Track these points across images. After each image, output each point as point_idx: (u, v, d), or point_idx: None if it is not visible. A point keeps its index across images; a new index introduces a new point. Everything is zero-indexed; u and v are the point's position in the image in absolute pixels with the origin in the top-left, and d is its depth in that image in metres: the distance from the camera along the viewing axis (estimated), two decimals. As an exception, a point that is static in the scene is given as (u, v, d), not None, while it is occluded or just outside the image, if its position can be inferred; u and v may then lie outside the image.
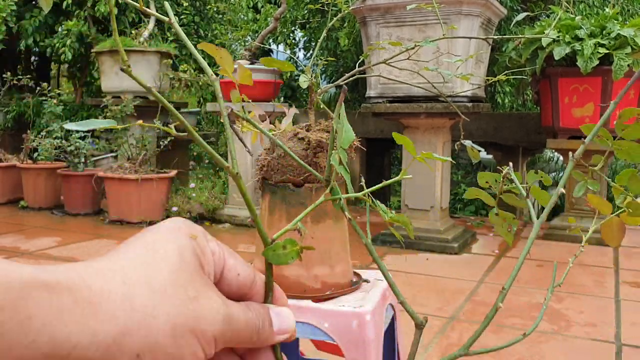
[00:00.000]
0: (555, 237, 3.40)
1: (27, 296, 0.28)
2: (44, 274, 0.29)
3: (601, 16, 3.09)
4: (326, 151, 1.03)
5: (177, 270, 0.33)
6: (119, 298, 0.31)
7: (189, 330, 0.32)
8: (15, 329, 0.28)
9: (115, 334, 0.30)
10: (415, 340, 0.47)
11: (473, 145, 1.29)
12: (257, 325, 0.36)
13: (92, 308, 0.30)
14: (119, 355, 0.30)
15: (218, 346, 0.34)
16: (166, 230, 0.35)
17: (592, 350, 1.87)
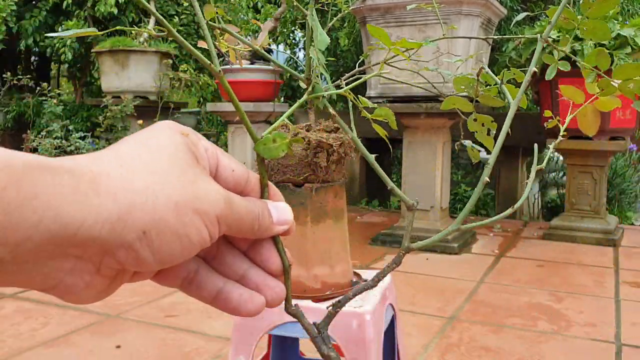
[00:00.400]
0: (555, 237, 3.40)
1: (30, 176, 0.28)
2: (44, 159, 0.29)
3: (601, 16, 3.09)
4: (326, 151, 1.03)
5: (173, 159, 0.33)
6: (119, 178, 0.31)
7: (192, 210, 0.32)
8: (21, 208, 0.28)
9: (119, 211, 0.30)
10: (409, 221, 0.48)
11: (473, 145, 1.28)
12: (257, 213, 0.37)
13: (94, 188, 0.30)
14: (125, 232, 0.30)
15: (222, 229, 0.34)
16: (158, 129, 0.35)
17: (592, 350, 1.87)
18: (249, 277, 0.38)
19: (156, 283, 0.38)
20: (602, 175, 3.38)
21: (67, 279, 0.31)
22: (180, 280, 0.37)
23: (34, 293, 2.39)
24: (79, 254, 0.30)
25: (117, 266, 0.32)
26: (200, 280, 0.37)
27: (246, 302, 0.38)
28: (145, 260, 0.32)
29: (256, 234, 0.37)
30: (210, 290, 0.37)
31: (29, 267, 0.29)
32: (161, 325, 2.06)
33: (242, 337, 1.07)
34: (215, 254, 0.38)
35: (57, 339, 1.93)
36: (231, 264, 0.38)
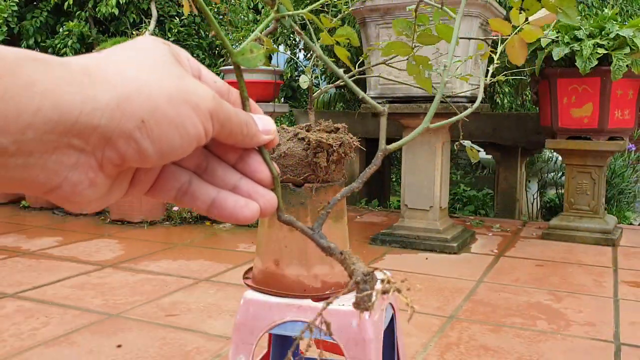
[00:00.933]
0: (554, 236, 3.40)
1: (24, 66, 0.29)
2: (33, 52, 0.30)
3: (600, 17, 3.10)
4: (326, 151, 1.04)
5: (160, 59, 0.34)
6: (112, 70, 0.32)
7: (185, 101, 0.33)
8: (19, 95, 0.28)
9: (117, 98, 0.31)
10: (383, 125, 0.50)
11: (472, 146, 1.29)
12: (244, 119, 0.38)
13: (88, 77, 0.30)
14: (124, 121, 0.31)
15: (215, 126, 0.35)
16: (140, 39, 0.36)
17: (591, 349, 1.88)
18: (241, 187, 0.40)
19: (151, 198, 0.39)
20: (601, 175, 3.39)
21: (72, 176, 0.31)
22: (175, 192, 0.38)
23: (34, 293, 2.40)
24: (81, 145, 0.30)
25: (118, 160, 0.32)
26: (194, 190, 0.38)
27: (242, 207, 0.39)
28: (145, 152, 0.32)
29: (245, 139, 0.38)
30: (205, 199, 0.38)
31: (33, 161, 0.29)
32: (162, 324, 2.07)
33: (242, 336, 1.08)
34: (205, 167, 0.39)
35: (58, 338, 1.94)
36: (222, 176, 0.39)
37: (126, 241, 3.39)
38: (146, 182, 0.37)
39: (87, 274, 2.70)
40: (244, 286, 1.11)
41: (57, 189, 0.31)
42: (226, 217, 0.39)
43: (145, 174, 0.37)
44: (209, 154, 0.39)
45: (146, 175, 0.37)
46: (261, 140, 0.39)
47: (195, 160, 0.39)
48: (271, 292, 1.08)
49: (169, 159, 0.33)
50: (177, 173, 0.38)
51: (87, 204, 0.33)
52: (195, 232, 3.63)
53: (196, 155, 0.39)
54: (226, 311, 2.19)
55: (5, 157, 0.28)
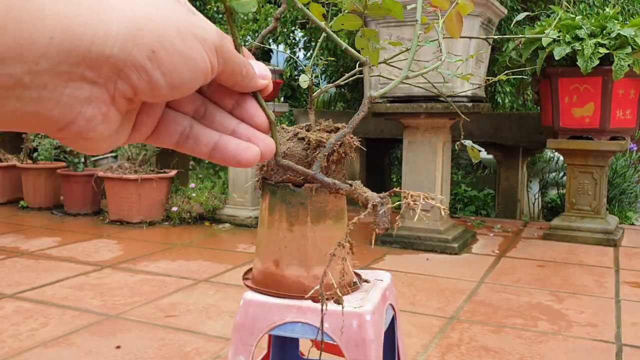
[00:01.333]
0: (555, 237, 3.39)
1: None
2: None
3: (601, 16, 3.09)
4: (326, 151, 1.02)
5: None
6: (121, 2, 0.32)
7: (192, 35, 0.33)
8: (32, 23, 0.28)
9: (127, 28, 0.31)
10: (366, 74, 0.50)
11: (473, 145, 1.28)
12: (244, 59, 0.38)
13: (98, 5, 0.30)
14: (135, 51, 0.31)
15: (219, 62, 0.36)
16: None
17: (592, 350, 1.87)
18: (240, 131, 0.41)
19: (154, 144, 0.39)
20: (603, 175, 3.38)
21: (86, 111, 0.32)
22: (177, 137, 0.39)
23: (33, 293, 2.39)
24: (93, 77, 0.31)
25: (130, 93, 0.33)
26: (196, 134, 0.39)
27: (244, 150, 0.40)
28: (157, 83, 0.33)
29: (244, 80, 0.39)
30: (207, 143, 0.39)
31: (48, 95, 0.30)
32: (161, 325, 2.05)
33: (242, 337, 1.07)
34: (204, 113, 0.40)
35: (57, 339, 1.93)
36: (221, 121, 0.40)
37: (125, 242, 3.38)
38: (148, 125, 0.38)
39: (86, 274, 2.69)
40: (243, 287, 1.10)
41: (71, 124, 0.32)
42: (229, 160, 0.40)
43: (148, 117, 0.37)
44: (206, 100, 0.40)
45: (148, 118, 0.37)
46: (259, 84, 0.40)
47: (194, 105, 0.39)
48: (271, 293, 1.07)
49: (179, 92, 0.34)
50: (177, 118, 0.39)
51: (99, 142, 0.34)
52: (194, 233, 3.62)
53: (194, 101, 0.40)
54: (225, 312, 2.18)
55: (20, 89, 0.29)
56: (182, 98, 0.38)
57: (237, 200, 3.88)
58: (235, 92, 0.40)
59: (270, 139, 0.42)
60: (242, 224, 3.80)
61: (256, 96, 0.42)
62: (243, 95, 0.41)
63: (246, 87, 0.40)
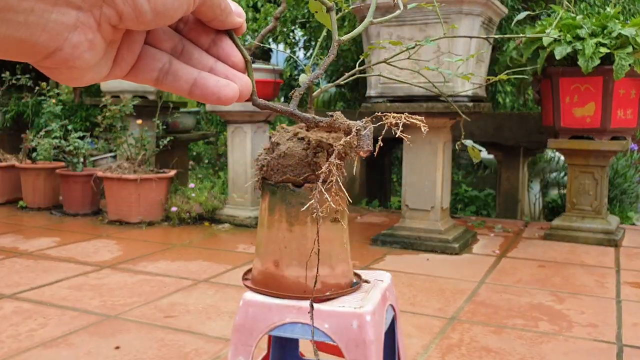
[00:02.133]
0: (556, 237, 3.39)
1: None
2: None
3: (602, 15, 3.08)
4: (326, 151, 1.02)
5: None
6: None
7: None
8: None
9: None
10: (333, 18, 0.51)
11: (474, 145, 1.28)
12: None
13: None
14: None
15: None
16: None
17: (593, 351, 1.86)
18: (217, 69, 0.41)
19: (133, 81, 0.40)
20: (604, 175, 3.37)
21: (72, 37, 0.33)
22: (157, 73, 0.40)
23: (32, 293, 2.39)
24: (78, 2, 0.32)
25: (116, 19, 0.33)
26: (175, 70, 0.40)
27: (224, 86, 0.40)
28: (141, 9, 0.33)
29: (222, 14, 0.39)
30: (187, 79, 0.40)
31: (35, 20, 0.31)
32: (160, 325, 2.05)
33: (241, 337, 1.06)
34: (182, 50, 0.41)
35: (56, 339, 1.92)
36: (199, 59, 0.41)
37: (124, 242, 3.37)
38: (128, 61, 0.38)
39: (85, 274, 2.68)
40: (243, 287, 1.10)
41: (58, 51, 0.33)
42: (209, 96, 0.40)
43: (128, 52, 0.38)
44: (183, 38, 0.41)
45: (128, 53, 0.38)
46: (235, 21, 0.41)
47: (172, 42, 0.40)
48: (271, 294, 1.06)
49: (162, 20, 0.35)
50: (156, 54, 0.40)
51: (83, 71, 0.35)
52: (194, 233, 3.61)
53: (172, 38, 0.40)
54: (225, 312, 2.18)
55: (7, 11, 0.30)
56: (161, 34, 0.39)
57: (236, 200, 3.87)
58: (212, 31, 0.41)
59: (247, 78, 0.42)
60: (241, 224, 3.79)
61: (231, 35, 0.42)
62: (219, 35, 0.42)
63: (223, 22, 0.40)
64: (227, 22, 0.40)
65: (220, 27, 0.41)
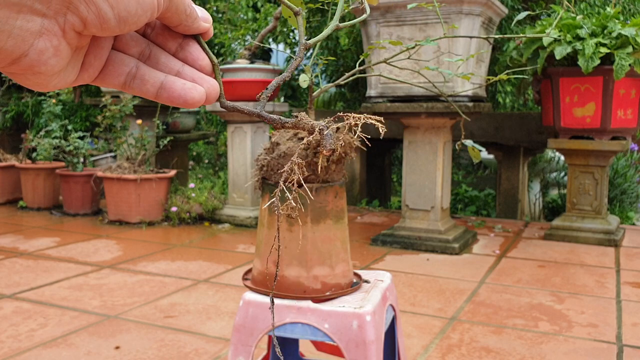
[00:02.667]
0: (556, 237, 3.39)
1: None
2: None
3: (602, 15, 3.08)
4: (326, 150, 1.01)
5: None
6: None
7: None
8: None
9: None
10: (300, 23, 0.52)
11: (474, 145, 1.28)
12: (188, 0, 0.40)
13: None
14: None
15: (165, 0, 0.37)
16: None
17: (593, 351, 1.86)
18: (185, 72, 0.42)
19: (101, 86, 0.41)
20: (604, 175, 3.37)
21: (38, 43, 0.33)
22: (124, 77, 0.40)
23: (32, 294, 2.39)
24: (43, 10, 0.32)
25: (80, 26, 0.34)
26: (142, 74, 0.41)
27: (190, 89, 0.41)
28: (105, 16, 0.34)
29: (188, 20, 0.40)
30: (154, 83, 0.41)
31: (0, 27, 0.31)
32: (160, 326, 2.05)
33: (241, 337, 1.06)
34: (149, 55, 0.42)
35: (56, 339, 1.92)
36: (166, 63, 0.42)
37: (124, 242, 3.37)
38: (95, 66, 0.39)
39: (85, 274, 2.68)
40: (243, 287, 1.10)
41: (23, 57, 0.33)
42: (175, 99, 0.40)
43: (95, 58, 0.39)
44: (150, 43, 0.42)
45: (95, 59, 0.39)
46: (201, 26, 0.41)
47: (139, 47, 0.41)
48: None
49: (126, 26, 0.35)
50: (124, 59, 0.40)
51: (49, 77, 0.35)
52: (193, 233, 3.61)
53: (139, 43, 0.41)
54: (225, 312, 2.18)
55: None
56: (128, 40, 0.40)
57: (236, 200, 3.87)
58: (179, 35, 0.42)
59: (214, 81, 0.43)
60: (241, 224, 3.79)
61: (198, 39, 0.43)
62: (186, 39, 0.42)
63: (189, 28, 0.41)
64: (193, 28, 0.41)
65: (186, 32, 0.41)
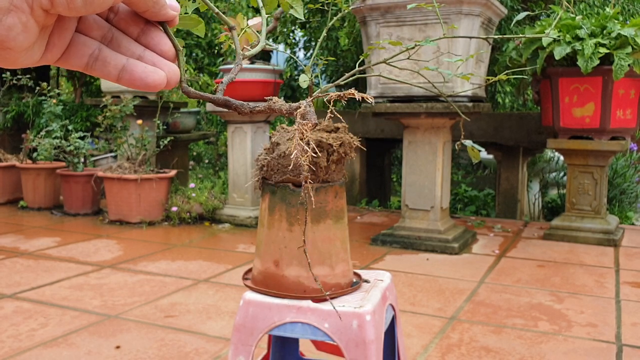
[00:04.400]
0: (556, 237, 3.39)
1: None
2: None
3: (602, 16, 3.09)
4: (326, 151, 1.02)
5: None
6: None
7: None
8: None
9: None
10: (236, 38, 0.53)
11: (474, 145, 1.28)
12: None
13: None
14: None
15: None
16: None
17: (592, 350, 1.87)
18: (146, 57, 0.43)
19: (65, 67, 0.42)
20: (603, 175, 3.38)
21: (6, 19, 0.35)
22: (87, 59, 0.42)
23: (32, 293, 2.39)
24: None
25: (47, 4, 0.35)
26: (104, 56, 0.42)
27: (151, 72, 0.42)
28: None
29: (155, 6, 0.41)
30: (116, 65, 0.42)
31: None
32: (161, 325, 2.05)
33: (242, 337, 1.07)
34: (111, 38, 0.43)
35: (56, 339, 1.93)
36: (128, 47, 0.43)
37: (125, 242, 3.37)
38: (59, 47, 0.40)
39: (85, 274, 2.68)
40: (243, 287, 1.10)
41: None
42: (136, 82, 0.42)
43: (59, 38, 0.40)
44: (113, 27, 0.43)
45: (59, 40, 0.40)
46: (169, 13, 0.42)
47: (101, 31, 0.42)
48: (271, 293, 1.06)
49: (92, 7, 0.37)
50: (87, 41, 0.42)
51: (17, 53, 0.37)
52: (194, 233, 3.62)
53: (102, 27, 0.42)
54: (225, 312, 2.18)
55: None
56: (91, 23, 0.41)
57: (237, 200, 3.88)
58: (141, 21, 0.43)
59: (175, 66, 0.44)
60: (242, 224, 3.80)
61: (164, 26, 0.44)
62: (148, 25, 0.43)
63: (157, 14, 0.42)
64: (160, 15, 0.42)
65: (154, 19, 0.43)
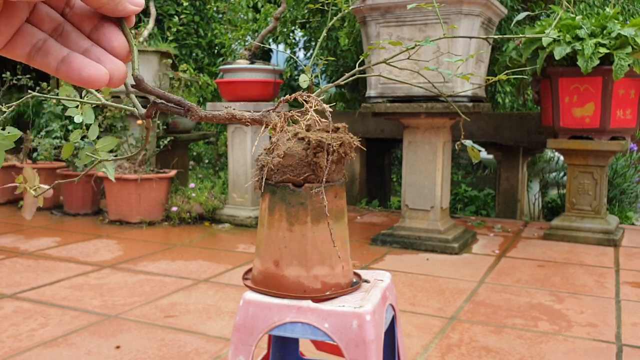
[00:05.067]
0: (556, 237, 3.39)
1: None
2: None
3: (602, 16, 3.09)
4: (326, 151, 1.02)
5: None
6: None
7: None
8: None
9: None
10: (134, 55, 0.52)
11: (474, 145, 1.28)
12: None
13: None
14: None
15: None
16: None
17: (592, 350, 1.87)
18: (91, 51, 0.42)
19: (7, 56, 0.41)
20: (603, 175, 3.38)
21: None
22: (29, 49, 0.41)
23: (32, 293, 2.39)
24: None
25: None
26: (47, 47, 0.41)
27: (89, 66, 0.41)
28: None
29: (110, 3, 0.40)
30: (56, 56, 0.41)
31: None
32: (161, 325, 2.05)
33: (242, 337, 1.07)
34: (61, 32, 0.42)
35: (56, 339, 1.93)
36: (75, 41, 0.42)
37: (125, 242, 3.37)
38: (5, 34, 0.40)
39: (85, 274, 2.69)
40: (243, 287, 1.10)
41: None
42: (73, 74, 0.41)
43: (6, 26, 0.39)
44: (66, 21, 0.42)
45: (6, 27, 0.39)
46: (127, 9, 0.41)
47: (53, 24, 0.42)
48: (271, 293, 1.06)
49: None
50: (34, 32, 0.41)
51: None
52: (194, 233, 3.62)
53: (54, 20, 0.42)
54: (225, 312, 2.18)
55: None
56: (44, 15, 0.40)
57: (237, 200, 3.88)
58: (95, 17, 0.42)
59: (121, 62, 0.42)
60: (242, 224, 3.80)
61: (121, 23, 0.42)
62: (103, 21, 0.42)
63: (113, 10, 0.41)
64: (117, 10, 0.41)
65: (110, 14, 0.41)
